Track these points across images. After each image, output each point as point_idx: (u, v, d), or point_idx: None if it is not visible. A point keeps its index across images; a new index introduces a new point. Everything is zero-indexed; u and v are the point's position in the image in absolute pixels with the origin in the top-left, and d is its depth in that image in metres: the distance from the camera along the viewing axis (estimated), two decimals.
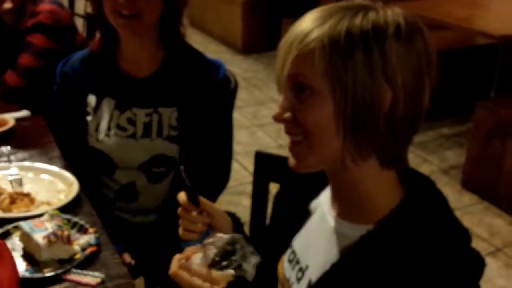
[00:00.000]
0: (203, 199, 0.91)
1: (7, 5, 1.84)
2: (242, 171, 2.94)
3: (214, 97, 1.45)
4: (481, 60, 3.50)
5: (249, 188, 2.72)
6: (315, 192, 0.88)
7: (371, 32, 0.69)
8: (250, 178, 2.82)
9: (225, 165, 1.56)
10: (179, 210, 0.91)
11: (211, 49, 4.91)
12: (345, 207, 0.80)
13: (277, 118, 0.76)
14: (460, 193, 2.81)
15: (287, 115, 0.74)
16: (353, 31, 0.69)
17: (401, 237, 0.72)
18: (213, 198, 1.58)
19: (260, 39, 4.74)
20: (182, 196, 0.90)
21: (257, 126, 3.49)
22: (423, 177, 0.79)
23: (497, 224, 2.58)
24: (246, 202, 2.69)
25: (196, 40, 5.00)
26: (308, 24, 0.72)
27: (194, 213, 0.90)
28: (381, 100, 0.69)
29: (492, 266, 2.27)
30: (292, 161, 0.78)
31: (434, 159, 3.13)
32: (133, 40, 1.40)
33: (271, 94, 3.99)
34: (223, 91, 1.48)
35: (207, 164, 1.48)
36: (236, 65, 4.51)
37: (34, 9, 1.87)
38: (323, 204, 0.85)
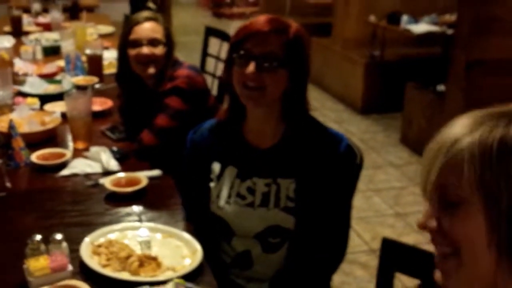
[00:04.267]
0: None
1: (151, 70, 1.99)
2: (355, 239, 2.84)
3: (333, 170, 1.43)
4: None
5: (362, 258, 2.67)
6: None
7: None
8: (364, 247, 2.77)
9: (342, 240, 1.51)
10: None
11: (328, 106, 4.90)
12: None
13: (421, 226, 0.72)
14: None
15: (433, 224, 0.71)
16: (507, 141, 0.64)
17: None
18: (329, 272, 1.54)
19: (381, 100, 4.67)
20: None
21: (373, 191, 3.39)
22: None
23: None
24: (359, 272, 2.59)
25: (314, 96, 5.02)
26: (457, 130, 0.69)
27: None
28: None
29: None
30: (439, 277, 0.72)
31: None
32: (257, 112, 1.43)
33: (390, 158, 3.87)
34: (343, 164, 1.46)
35: (323, 238, 1.45)
36: (354, 125, 4.45)
37: (172, 74, 2.00)
38: None
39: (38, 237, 1.27)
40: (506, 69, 3.41)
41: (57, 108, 2.26)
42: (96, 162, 1.83)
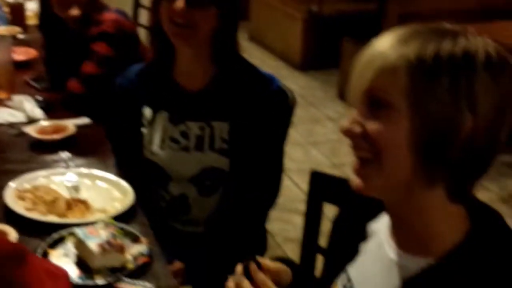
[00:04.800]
0: (265, 262, 0.91)
1: (74, 12, 1.87)
2: (294, 189, 2.89)
3: (265, 110, 1.43)
4: None
5: (300, 206, 2.72)
6: (374, 214, 0.85)
7: (461, 58, 0.67)
8: (302, 196, 2.82)
9: (275, 180, 1.52)
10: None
11: (269, 64, 4.90)
12: (405, 238, 0.76)
13: (346, 131, 0.73)
14: None
15: (358, 129, 0.72)
16: (442, 54, 0.67)
17: (465, 273, 0.69)
18: (264, 214, 1.55)
19: (319, 57, 4.69)
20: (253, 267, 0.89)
21: (311, 144, 3.44)
22: (491, 211, 0.75)
23: None
24: (297, 220, 2.64)
25: (255, 55, 5.02)
26: (391, 42, 0.71)
27: (261, 276, 0.88)
28: (460, 127, 0.67)
29: None
30: (357, 182, 0.74)
31: (494, 187, 2.98)
32: (187, 52, 1.40)
33: (327, 112, 3.94)
34: (275, 105, 1.46)
35: (257, 179, 1.46)
36: (293, 82, 4.46)
37: (99, 18, 1.90)
38: (381, 232, 0.82)
39: None
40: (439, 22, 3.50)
41: None
42: (19, 111, 1.74)
